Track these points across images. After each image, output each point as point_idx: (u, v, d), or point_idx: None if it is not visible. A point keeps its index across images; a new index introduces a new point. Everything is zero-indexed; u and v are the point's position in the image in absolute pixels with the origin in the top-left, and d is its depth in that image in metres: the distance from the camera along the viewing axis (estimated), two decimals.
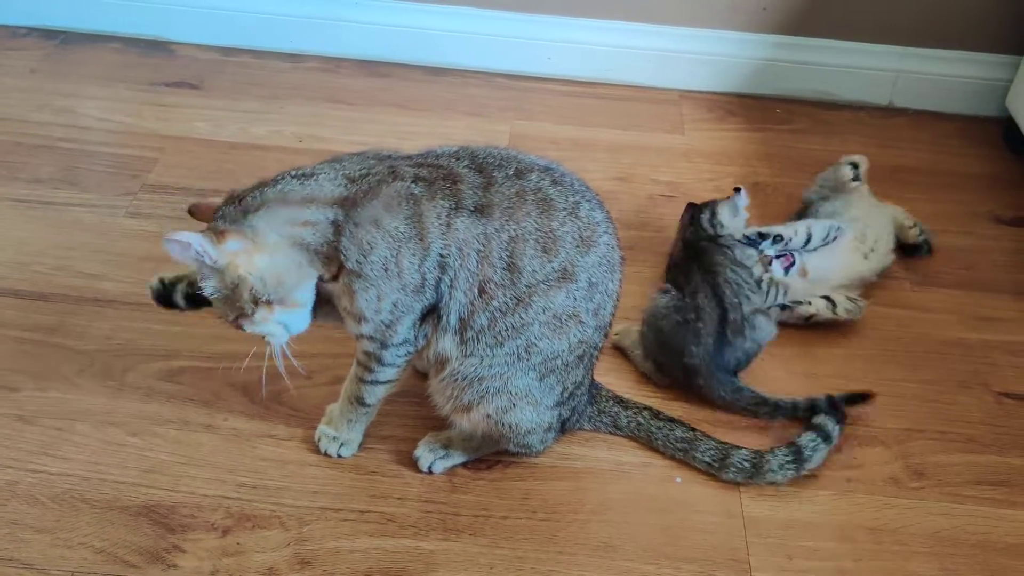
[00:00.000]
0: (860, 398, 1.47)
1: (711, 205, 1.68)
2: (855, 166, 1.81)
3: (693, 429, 1.41)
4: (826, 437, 1.40)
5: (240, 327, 1.22)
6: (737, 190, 1.68)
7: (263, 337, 1.24)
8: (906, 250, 1.82)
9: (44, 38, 2.33)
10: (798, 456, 1.38)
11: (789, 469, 1.38)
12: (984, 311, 1.73)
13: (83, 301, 1.62)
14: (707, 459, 1.39)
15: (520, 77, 2.31)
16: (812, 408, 1.45)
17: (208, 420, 1.44)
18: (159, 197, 1.86)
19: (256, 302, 1.18)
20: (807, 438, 1.40)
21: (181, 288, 1.34)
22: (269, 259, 1.17)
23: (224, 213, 1.18)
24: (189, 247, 1.13)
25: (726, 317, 1.50)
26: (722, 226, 1.64)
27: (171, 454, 1.39)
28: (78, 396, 1.46)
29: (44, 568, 1.23)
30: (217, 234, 1.15)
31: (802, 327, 1.63)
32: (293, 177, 1.19)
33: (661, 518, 1.35)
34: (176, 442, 1.41)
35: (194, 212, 1.24)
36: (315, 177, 1.18)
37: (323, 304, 1.27)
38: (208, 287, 1.18)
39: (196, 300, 1.32)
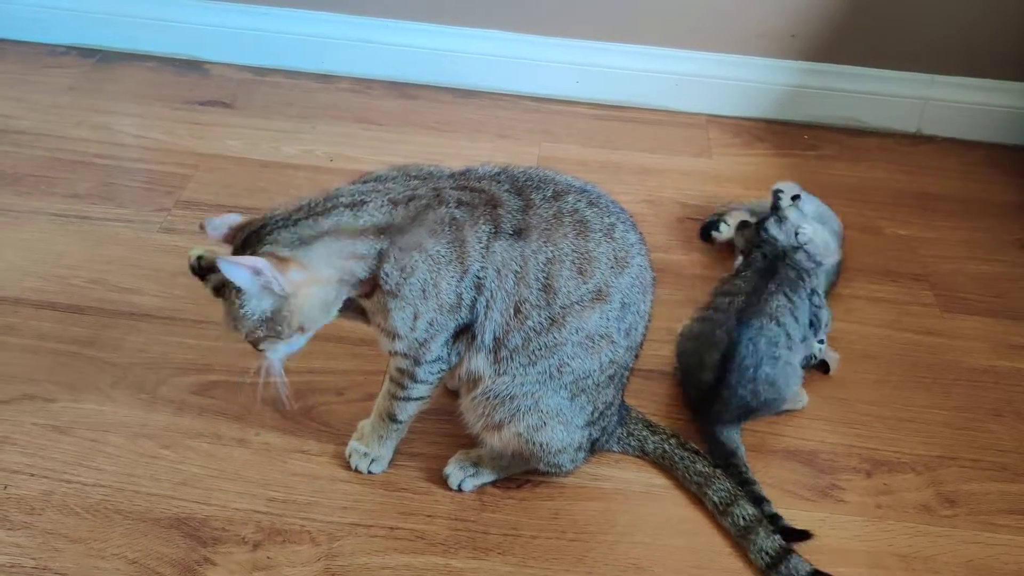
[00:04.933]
0: (799, 535, 1.35)
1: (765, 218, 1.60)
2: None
3: (715, 466, 1.40)
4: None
5: (256, 343, 1.20)
6: (796, 198, 1.63)
7: (260, 351, 1.22)
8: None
9: (82, 56, 2.38)
10: (776, 560, 1.28)
11: (764, 559, 1.29)
12: (1015, 339, 1.72)
13: (118, 314, 1.64)
14: (716, 499, 1.36)
15: (549, 100, 2.33)
16: (772, 519, 1.35)
17: (240, 434, 1.45)
18: (192, 213, 1.89)
19: (297, 329, 1.18)
20: (802, 565, 1.28)
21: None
22: (322, 291, 1.17)
23: (277, 238, 1.15)
24: (260, 274, 1.11)
25: (733, 359, 1.44)
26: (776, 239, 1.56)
27: (203, 467, 1.40)
28: (112, 408, 1.48)
29: None
30: (280, 260, 1.13)
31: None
32: (346, 207, 1.17)
33: (691, 540, 1.35)
34: (208, 455, 1.42)
35: (206, 228, 1.19)
36: (366, 206, 1.17)
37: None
38: (253, 308, 1.16)
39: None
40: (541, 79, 2.32)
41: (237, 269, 1.11)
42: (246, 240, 1.17)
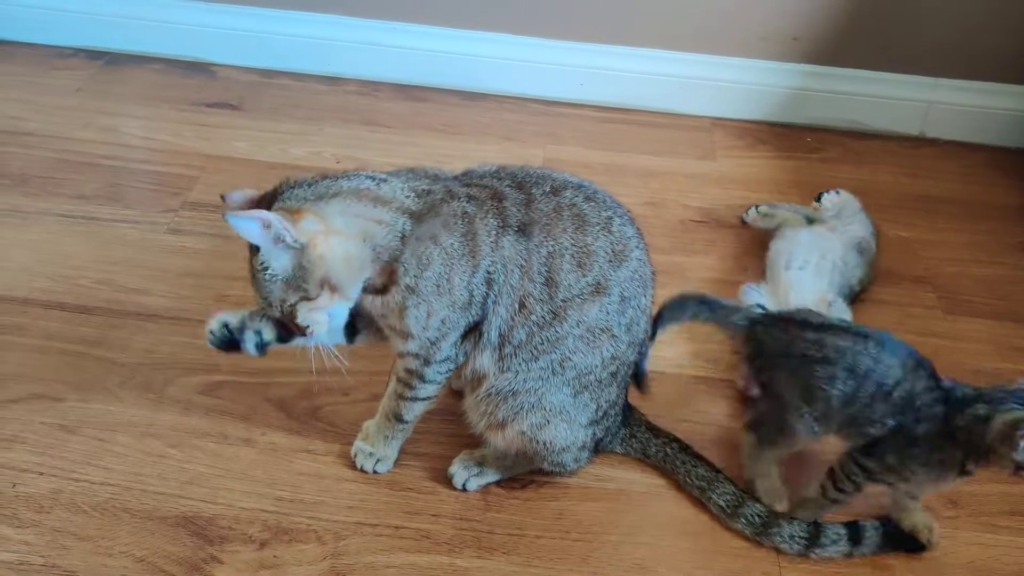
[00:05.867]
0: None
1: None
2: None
3: (716, 470, 1.40)
4: (856, 541, 1.32)
5: (293, 315, 1.18)
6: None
7: (304, 330, 1.20)
8: None
9: (89, 58, 2.39)
10: (813, 539, 1.32)
11: (798, 543, 1.32)
12: (1018, 341, 1.73)
13: (125, 315, 1.66)
14: (721, 503, 1.37)
15: (553, 102, 2.35)
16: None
17: (246, 434, 1.46)
18: (199, 214, 1.90)
19: (323, 285, 1.16)
20: (834, 529, 1.32)
21: (253, 337, 1.31)
22: (342, 243, 1.15)
23: (291, 195, 1.16)
24: (269, 226, 1.10)
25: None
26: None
27: (210, 467, 1.41)
28: (120, 408, 1.49)
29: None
30: (292, 213, 1.13)
31: None
32: (367, 177, 1.20)
33: (694, 541, 1.35)
34: (215, 455, 1.43)
35: (226, 199, 1.20)
36: (388, 182, 1.20)
37: (368, 325, 1.29)
38: (276, 266, 1.14)
39: (264, 347, 1.31)
40: (546, 82, 2.33)
41: (247, 222, 1.10)
42: (261, 205, 1.17)
